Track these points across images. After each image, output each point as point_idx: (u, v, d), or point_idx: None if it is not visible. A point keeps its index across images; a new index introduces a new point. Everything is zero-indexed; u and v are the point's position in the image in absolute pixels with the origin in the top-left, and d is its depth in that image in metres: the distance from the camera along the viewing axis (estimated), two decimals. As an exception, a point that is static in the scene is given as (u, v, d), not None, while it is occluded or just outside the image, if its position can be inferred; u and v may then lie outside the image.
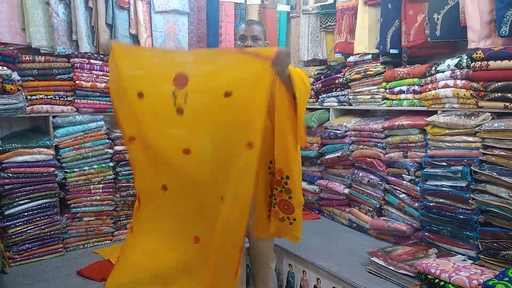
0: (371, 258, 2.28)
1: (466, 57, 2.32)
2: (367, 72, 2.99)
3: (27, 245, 2.49)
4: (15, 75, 2.46)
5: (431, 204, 2.42)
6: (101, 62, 2.82)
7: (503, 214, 2.09)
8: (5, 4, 2.59)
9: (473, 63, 2.26)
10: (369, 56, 3.02)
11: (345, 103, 3.21)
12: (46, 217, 2.54)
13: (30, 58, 2.59)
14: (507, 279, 1.78)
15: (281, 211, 2.08)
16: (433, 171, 2.42)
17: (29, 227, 2.48)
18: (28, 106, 2.59)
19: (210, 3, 3.37)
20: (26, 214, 2.48)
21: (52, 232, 2.57)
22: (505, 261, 2.10)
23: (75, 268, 2.39)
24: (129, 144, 1.82)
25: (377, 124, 2.80)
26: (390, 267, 2.16)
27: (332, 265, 2.36)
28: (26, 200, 2.48)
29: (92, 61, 2.78)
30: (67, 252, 2.67)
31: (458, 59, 2.37)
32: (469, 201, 2.24)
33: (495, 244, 2.12)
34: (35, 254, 2.52)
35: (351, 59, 3.14)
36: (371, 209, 2.88)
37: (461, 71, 2.35)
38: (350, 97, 3.15)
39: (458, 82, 2.36)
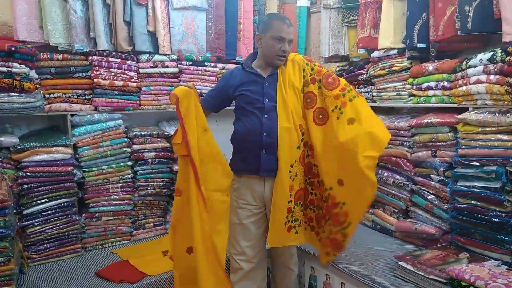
0: (399, 263, 2.18)
1: (500, 51, 2.19)
2: (393, 68, 2.87)
3: (45, 245, 2.47)
4: (33, 73, 2.43)
5: (462, 206, 2.30)
6: (119, 60, 2.78)
7: (543, 218, 1.97)
8: (23, 1, 2.57)
9: (509, 57, 2.13)
10: (395, 51, 2.90)
11: (369, 100, 3.09)
12: (65, 216, 2.51)
13: (48, 56, 2.56)
14: (550, 288, 1.66)
15: (330, 247, 2.23)
16: (464, 171, 2.29)
17: (48, 227, 2.46)
18: (46, 104, 2.56)
19: (228, -1, 3.30)
20: (44, 213, 2.45)
21: (70, 232, 2.54)
22: (544, 268, 1.97)
23: (93, 269, 2.35)
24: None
25: (403, 122, 2.68)
26: (420, 272, 2.06)
27: (357, 269, 2.27)
28: (44, 200, 2.45)
29: (110, 58, 2.74)
30: (85, 252, 2.64)
31: (492, 53, 2.24)
32: (504, 203, 2.11)
33: (533, 250, 2.00)
34: (54, 254, 2.50)
35: (375, 54, 3.03)
36: (396, 211, 2.77)
37: (495, 65, 2.22)
38: (374, 94, 3.04)
39: (492, 77, 2.23)
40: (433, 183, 2.51)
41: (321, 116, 2.13)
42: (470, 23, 2.38)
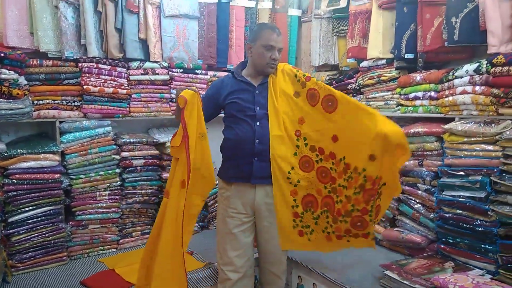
0: (385, 272, 2.19)
1: (485, 62, 2.23)
2: (381, 78, 2.90)
3: (30, 253, 2.44)
4: (22, 80, 2.43)
5: (448, 215, 2.32)
6: (110, 66, 2.78)
7: (526, 228, 1.99)
8: (13, 7, 2.57)
9: (493, 69, 2.17)
10: (383, 61, 2.93)
11: (358, 110, 3.11)
12: (51, 224, 2.49)
13: (38, 62, 2.56)
14: (532, 298, 1.67)
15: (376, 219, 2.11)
16: (450, 181, 2.31)
17: (33, 235, 2.44)
18: (34, 111, 2.55)
19: (220, 8, 3.32)
20: (30, 221, 2.43)
21: (56, 240, 2.52)
22: (528, 277, 1.99)
23: (79, 278, 2.33)
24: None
25: (391, 131, 2.70)
26: (405, 282, 2.06)
27: (343, 278, 2.27)
28: (30, 207, 2.43)
29: (100, 65, 2.74)
30: (71, 261, 2.61)
31: (477, 64, 2.27)
32: (489, 212, 2.13)
33: (517, 259, 2.01)
34: (39, 263, 2.47)
35: (364, 64, 3.06)
36: (383, 220, 2.78)
37: (481, 76, 2.25)
38: (363, 103, 3.06)
39: (477, 88, 2.27)
40: (419, 192, 2.53)
41: (330, 103, 2.08)
42: (457, 34, 2.42)
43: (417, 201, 2.56)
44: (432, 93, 2.56)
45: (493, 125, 2.16)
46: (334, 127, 2.09)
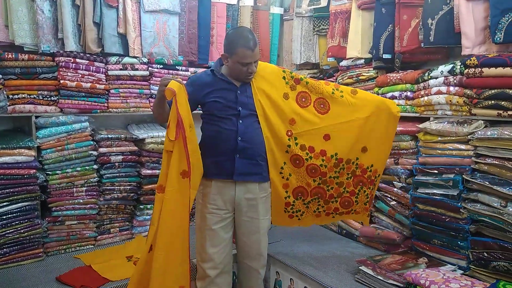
0: (360, 267, 2.23)
1: (460, 63, 2.29)
2: (360, 77, 2.95)
3: (5, 250, 2.40)
4: (-4, 73, 2.38)
5: (422, 212, 2.38)
6: (87, 61, 2.75)
7: (495, 224, 2.06)
8: (-12, -1, 2.51)
9: (467, 70, 2.22)
10: (362, 61, 2.98)
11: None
12: (26, 220, 2.46)
13: (13, 56, 2.51)
14: (498, 292, 1.73)
15: (370, 206, 2.46)
16: (424, 179, 2.37)
17: (8, 231, 2.39)
18: (10, 105, 2.50)
19: (201, 4, 3.30)
20: (4, 217, 2.38)
21: (32, 236, 2.48)
22: (496, 272, 2.06)
23: (54, 274, 2.31)
24: None
25: (369, 130, 2.75)
26: (379, 277, 2.12)
27: (320, 274, 2.31)
28: (5, 203, 2.38)
29: (77, 60, 2.70)
30: (47, 257, 2.58)
31: (452, 65, 2.33)
32: (461, 210, 2.20)
33: (486, 255, 2.08)
34: (14, 259, 2.43)
35: (343, 63, 3.10)
36: (361, 216, 2.83)
37: (455, 77, 2.31)
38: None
39: (451, 88, 2.32)
40: (395, 189, 2.59)
41: (322, 106, 2.27)
42: (433, 35, 2.48)
43: (393, 198, 2.62)
44: (409, 93, 2.61)
45: (465, 125, 2.22)
46: (326, 127, 2.26)
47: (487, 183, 2.07)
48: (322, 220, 2.49)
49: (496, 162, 2.06)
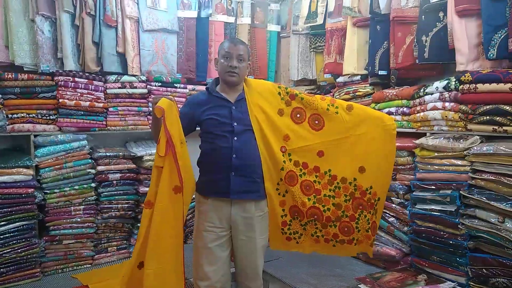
0: (359, 285, 2.21)
1: (454, 79, 2.31)
2: (356, 93, 2.97)
3: (2, 270, 2.39)
4: (-4, 93, 2.41)
5: (421, 228, 2.37)
6: (86, 80, 2.78)
7: (493, 240, 2.05)
8: (-12, 21, 2.56)
9: (462, 86, 2.25)
10: (358, 77, 3.00)
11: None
12: (23, 240, 2.45)
13: (13, 76, 2.54)
14: (497, 310, 1.71)
15: (372, 234, 2.25)
16: (422, 195, 2.37)
17: (5, 251, 2.39)
18: (9, 124, 2.53)
19: (199, 22, 3.36)
20: (2, 237, 2.38)
21: (29, 256, 2.47)
22: (496, 289, 2.04)
23: (51, 294, 2.30)
24: None
25: (366, 146, 2.75)
26: (378, 295, 2.10)
27: (319, 292, 2.29)
28: (2, 222, 2.39)
29: (76, 79, 2.74)
30: (45, 277, 2.57)
31: (447, 81, 2.35)
32: (458, 226, 2.19)
33: (485, 271, 2.07)
34: (10, 279, 2.42)
35: (340, 79, 3.13)
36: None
37: (450, 93, 2.33)
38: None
39: (447, 104, 2.34)
40: (393, 205, 2.58)
41: (317, 122, 2.23)
42: (427, 52, 2.51)
43: (391, 214, 2.61)
44: (405, 109, 2.63)
45: (461, 140, 2.23)
46: (320, 144, 2.22)
47: (484, 198, 2.07)
48: (322, 247, 2.31)
49: (493, 178, 2.06)
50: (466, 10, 2.29)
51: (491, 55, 2.19)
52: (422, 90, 2.50)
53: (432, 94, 2.43)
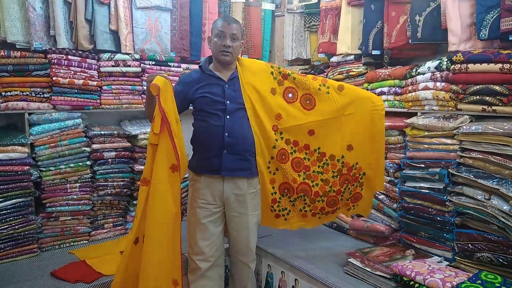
0: (348, 259, 2.28)
1: (446, 59, 2.34)
2: (350, 73, 2.99)
3: (0, 246, 2.43)
4: (-12, 71, 2.39)
5: (409, 205, 2.43)
6: (79, 58, 2.76)
7: (479, 217, 2.12)
8: (-21, -3, 2.52)
9: (453, 66, 2.27)
10: (352, 57, 3.02)
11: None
12: (21, 216, 2.48)
13: (5, 53, 2.52)
14: (479, 281, 1.80)
15: (351, 202, 2.46)
16: (411, 173, 2.43)
17: (2, 227, 2.42)
18: (2, 102, 2.52)
19: (193, 0, 3.32)
20: (-1, 213, 2.42)
21: (26, 232, 2.51)
22: (480, 263, 2.12)
23: (49, 269, 2.34)
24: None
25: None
26: (367, 268, 2.17)
27: (310, 266, 2.36)
28: (-1, 199, 2.42)
29: (70, 57, 2.72)
30: (42, 253, 2.61)
31: (439, 61, 2.38)
32: (446, 203, 2.25)
33: (471, 246, 2.14)
34: (8, 255, 2.46)
35: (334, 59, 3.14)
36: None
37: (441, 73, 2.36)
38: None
39: (438, 84, 2.37)
40: (383, 183, 2.63)
41: (308, 101, 2.31)
42: (420, 32, 2.52)
43: (382, 192, 2.67)
44: (397, 89, 2.66)
45: (451, 120, 2.27)
46: (311, 123, 2.30)
47: (472, 176, 2.12)
48: (308, 221, 2.46)
49: (480, 156, 2.12)
50: (459, -10, 2.30)
51: (483, 35, 2.21)
52: (414, 70, 2.52)
53: (424, 74, 2.46)
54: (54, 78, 2.65)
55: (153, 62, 3.09)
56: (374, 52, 2.80)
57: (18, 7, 2.60)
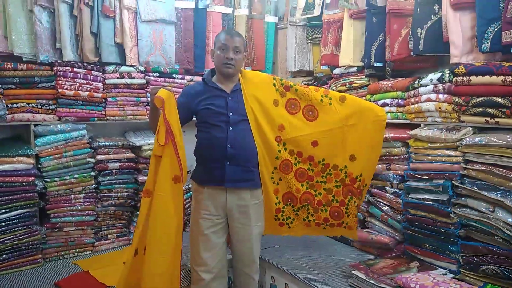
0: (352, 271, 2.27)
1: (448, 71, 2.35)
2: (352, 85, 3.01)
3: (4, 256, 2.44)
4: (-5, 83, 2.43)
5: (414, 217, 2.43)
6: (85, 70, 2.80)
7: (483, 229, 2.11)
8: (-13, 11, 2.57)
9: (455, 78, 2.28)
10: (354, 69, 3.04)
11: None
12: (25, 227, 2.50)
13: (12, 65, 2.56)
14: (484, 295, 1.78)
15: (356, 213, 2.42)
16: (415, 184, 2.43)
17: (7, 237, 2.43)
18: (8, 114, 2.55)
19: (197, 13, 3.37)
20: (4, 224, 2.43)
21: (30, 243, 2.52)
22: (485, 276, 2.11)
23: (53, 280, 2.34)
24: None
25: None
26: (371, 281, 2.15)
27: (314, 278, 2.35)
28: (4, 210, 2.43)
29: (75, 69, 2.76)
30: (46, 263, 2.62)
31: (441, 73, 2.39)
32: (450, 215, 2.25)
33: (476, 259, 2.13)
34: (12, 265, 2.47)
35: (336, 71, 3.16)
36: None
37: (444, 85, 2.37)
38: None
39: (441, 96, 2.38)
40: (387, 194, 2.64)
41: (311, 112, 2.32)
42: (422, 44, 2.54)
43: (385, 203, 2.67)
44: (400, 100, 2.67)
45: (454, 131, 2.28)
46: (314, 134, 2.31)
47: (476, 188, 2.12)
48: (312, 230, 2.45)
49: (484, 168, 2.12)
50: (460, 3, 2.31)
51: (485, 48, 2.22)
52: (416, 82, 2.54)
53: (426, 86, 2.47)
54: (59, 90, 2.69)
55: (158, 74, 3.13)
56: (377, 64, 2.82)
57: (25, 21, 2.64)
